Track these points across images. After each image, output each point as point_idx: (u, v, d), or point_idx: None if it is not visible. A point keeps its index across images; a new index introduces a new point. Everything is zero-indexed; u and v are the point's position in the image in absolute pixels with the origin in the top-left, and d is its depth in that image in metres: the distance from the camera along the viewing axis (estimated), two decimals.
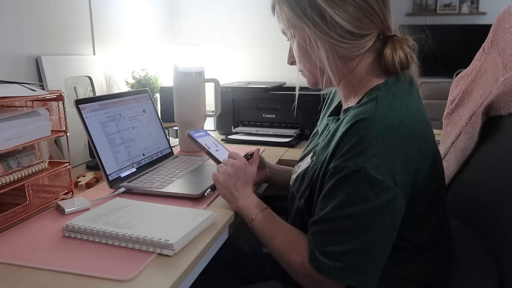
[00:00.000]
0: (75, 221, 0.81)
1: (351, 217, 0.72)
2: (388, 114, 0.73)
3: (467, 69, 1.09)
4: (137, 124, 1.21)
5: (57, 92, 0.97)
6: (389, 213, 0.72)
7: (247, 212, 0.90)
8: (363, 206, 0.71)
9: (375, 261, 0.73)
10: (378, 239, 0.72)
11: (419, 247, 0.80)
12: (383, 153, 0.71)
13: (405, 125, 0.73)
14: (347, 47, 0.79)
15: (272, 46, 2.01)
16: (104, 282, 0.66)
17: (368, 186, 0.70)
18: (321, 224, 0.76)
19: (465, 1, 4.61)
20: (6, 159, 0.89)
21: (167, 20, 2.05)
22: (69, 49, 1.41)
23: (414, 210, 0.76)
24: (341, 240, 0.73)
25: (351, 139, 0.73)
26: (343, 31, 0.77)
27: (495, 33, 0.99)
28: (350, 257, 0.72)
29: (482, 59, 1.02)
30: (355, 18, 0.77)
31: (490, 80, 0.95)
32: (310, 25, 0.79)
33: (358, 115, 0.75)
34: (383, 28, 0.80)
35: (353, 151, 0.72)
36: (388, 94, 0.77)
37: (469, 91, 1.03)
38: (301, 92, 1.72)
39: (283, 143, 1.58)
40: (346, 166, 0.72)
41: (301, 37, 0.82)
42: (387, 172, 0.70)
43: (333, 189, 0.75)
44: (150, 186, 1.05)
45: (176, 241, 0.73)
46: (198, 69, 1.41)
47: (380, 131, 0.72)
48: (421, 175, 0.75)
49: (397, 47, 0.78)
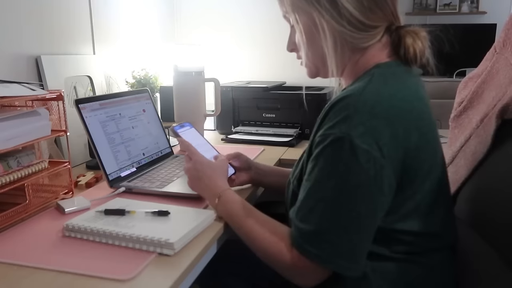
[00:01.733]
0: (75, 221, 0.81)
1: (335, 190, 0.68)
2: (381, 88, 0.71)
3: (476, 69, 1.05)
4: (137, 124, 1.21)
5: (57, 92, 0.97)
6: (376, 188, 0.68)
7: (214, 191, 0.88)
8: (347, 178, 0.67)
9: (360, 243, 0.70)
10: (363, 217, 0.68)
11: (423, 248, 0.76)
12: (371, 121, 0.67)
13: (399, 98, 0.71)
14: (357, 37, 0.76)
15: (272, 46, 2.00)
16: (104, 281, 0.66)
17: (353, 157, 0.66)
18: (301, 201, 0.73)
19: (465, 1, 4.61)
20: (6, 158, 0.89)
21: (167, 20, 2.05)
22: (69, 49, 1.41)
23: (411, 198, 0.72)
24: (321, 217, 0.69)
25: (339, 108, 0.70)
26: (353, 20, 0.74)
27: (507, 32, 0.95)
28: (334, 238, 0.69)
29: (493, 60, 0.98)
30: (367, 8, 0.74)
31: (503, 81, 0.91)
32: (320, 10, 0.75)
33: (348, 91, 0.72)
34: (392, 20, 0.78)
35: (339, 117, 0.69)
36: (386, 72, 0.75)
37: (479, 93, 1.00)
38: (301, 92, 1.73)
39: (283, 143, 1.58)
40: (331, 133, 0.69)
41: (307, 22, 0.79)
42: (373, 141, 0.66)
43: (316, 160, 0.71)
44: (150, 185, 1.04)
45: (176, 240, 0.73)
46: (198, 68, 1.41)
47: (370, 100, 0.69)
48: (416, 154, 0.70)
49: (416, 38, 0.76)
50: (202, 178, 0.92)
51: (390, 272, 0.74)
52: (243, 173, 1.08)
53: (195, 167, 0.94)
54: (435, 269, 0.78)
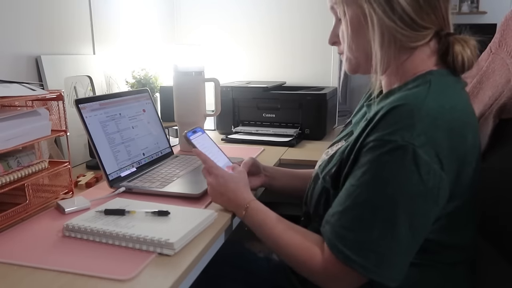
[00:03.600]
0: (75, 221, 0.81)
1: (391, 199, 0.65)
2: (442, 98, 0.69)
3: (471, 70, 1.06)
4: (137, 124, 1.21)
5: (57, 92, 0.97)
6: (432, 201, 0.66)
7: (241, 203, 0.88)
8: (406, 189, 0.65)
9: (408, 255, 0.68)
10: (415, 228, 0.66)
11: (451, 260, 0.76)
12: (433, 132, 0.65)
13: (459, 110, 0.69)
14: (407, 35, 0.73)
15: (272, 46, 2.00)
16: (104, 281, 0.66)
17: (414, 167, 0.64)
18: (350, 207, 0.69)
19: (465, 1, 4.60)
20: (6, 158, 0.89)
21: (167, 20, 2.05)
22: (69, 49, 1.41)
23: (453, 211, 0.70)
24: (373, 226, 0.66)
25: (400, 113, 0.67)
26: (406, 17, 0.72)
27: (503, 33, 0.96)
28: (383, 248, 0.66)
29: (489, 60, 0.99)
30: (421, 6, 0.72)
31: (500, 81, 0.92)
32: (372, 3, 0.73)
33: (408, 97, 0.69)
34: (442, 25, 0.76)
35: (401, 124, 0.66)
36: (442, 81, 0.73)
37: (475, 93, 1.00)
38: (302, 92, 1.73)
39: (283, 143, 1.58)
40: (391, 140, 0.65)
41: (356, 15, 0.76)
42: (434, 153, 0.65)
43: (370, 165, 0.68)
44: (150, 185, 1.04)
45: (176, 240, 0.73)
46: (198, 68, 1.41)
47: (433, 110, 0.66)
48: (467, 167, 0.69)
49: (465, 46, 0.74)
50: (226, 193, 0.91)
51: (408, 276, 0.73)
52: (255, 178, 1.07)
53: (217, 182, 0.92)
54: (454, 278, 0.77)
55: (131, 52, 1.74)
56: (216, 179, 0.93)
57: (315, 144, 1.62)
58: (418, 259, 0.73)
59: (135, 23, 1.78)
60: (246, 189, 0.93)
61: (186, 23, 2.10)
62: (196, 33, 2.09)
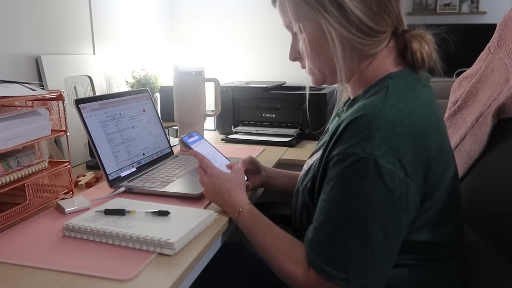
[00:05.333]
0: (75, 221, 0.81)
1: (361, 212, 0.66)
2: (399, 103, 0.69)
3: (470, 69, 1.05)
4: (137, 124, 1.21)
5: (57, 92, 0.97)
6: (401, 207, 0.66)
7: (234, 205, 0.88)
8: (373, 199, 0.66)
9: (386, 262, 0.69)
10: (389, 236, 0.67)
11: (433, 256, 0.76)
12: (393, 140, 0.66)
13: (417, 114, 0.69)
14: (366, 43, 0.74)
15: (272, 46, 2.00)
16: (104, 281, 0.66)
17: (378, 177, 0.65)
18: (323, 223, 0.70)
19: (465, 1, 4.60)
20: (6, 158, 0.89)
21: (167, 20, 2.05)
22: (69, 49, 1.41)
23: (428, 210, 0.71)
24: (347, 239, 0.67)
25: (359, 125, 0.68)
26: (363, 26, 0.73)
27: (501, 32, 0.96)
28: (360, 259, 0.67)
29: (488, 59, 0.99)
30: (375, 13, 0.73)
31: (498, 81, 0.92)
32: (327, 18, 0.73)
33: (366, 107, 0.70)
34: (397, 24, 0.76)
35: (360, 136, 0.67)
36: (400, 83, 0.73)
37: (474, 92, 1.00)
38: (302, 92, 1.73)
39: (283, 143, 1.58)
40: (352, 152, 0.67)
41: (313, 30, 0.76)
42: (396, 160, 0.65)
43: (337, 179, 0.69)
44: (150, 185, 1.04)
45: (176, 240, 0.73)
46: (198, 68, 1.41)
47: (390, 118, 0.67)
48: (434, 169, 0.69)
49: (422, 42, 0.74)
50: (220, 193, 0.91)
51: (397, 277, 0.74)
52: (255, 177, 1.07)
53: (211, 182, 0.92)
54: (444, 274, 0.77)
55: (131, 52, 1.74)
56: (210, 179, 0.93)
57: (315, 144, 1.61)
58: (405, 259, 0.73)
59: (135, 23, 1.78)
60: (240, 191, 0.92)
61: (186, 23, 2.10)
62: (196, 33, 2.09)
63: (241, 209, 0.87)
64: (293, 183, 1.09)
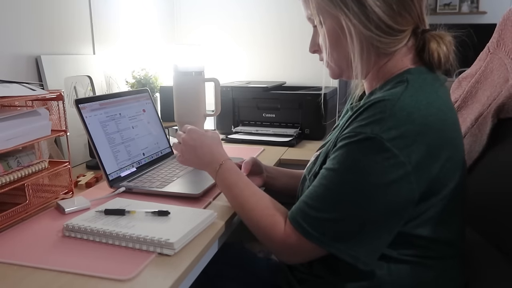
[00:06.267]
0: (75, 221, 0.81)
1: (353, 186, 0.68)
2: (419, 94, 0.70)
3: (469, 69, 1.05)
4: (137, 124, 1.21)
5: (57, 92, 0.97)
6: (393, 193, 0.67)
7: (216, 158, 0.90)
8: (367, 178, 0.67)
9: (369, 238, 0.70)
10: (372, 215, 0.68)
11: (441, 254, 0.76)
12: (407, 126, 0.66)
13: (435, 106, 0.69)
14: (385, 42, 0.74)
15: (272, 46, 2.00)
16: (104, 281, 0.66)
17: (380, 158, 0.66)
18: (316, 186, 0.73)
19: (465, 1, 4.61)
20: (6, 158, 0.89)
21: (167, 20, 2.05)
22: (69, 49, 1.41)
23: (434, 206, 0.71)
24: (332, 207, 0.70)
25: (375, 109, 0.69)
26: (382, 24, 0.73)
27: (501, 32, 0.96)
28: (341, 228, 0.69)
29: (487, 60, 0.99)
30: (395, 11, 0.72)
31: (498, 81, 0.92)
32: (347, 14, 0.73)
33: (385, 94, 0.70)
34: (418, 23, 0.76)
35: (373, 118, 0.68)
36: (419, 78, 0.73)
37: (473, 92, 1.01)
38: (302, 92, 1.73)
39: (283, 143, 1.58)
40: (362, 132, 0.68)
41: (333, 25, 0.77)
42: (404, 147, 0.66)
43: (340, 151, 0.71)
44: (150, 185, 1.05)
45: (176, 240, 0.73)
46: (198, 68, 1.41)
47: (408, 106, 0.68)
48: (446, 165, 0.69)
49: (441, 42, 0.74)
50: (200, 147, 0.93)
51: (399, 275, 0.74)
52: (257, 177, 1.07)
53: (190, 137, 0.94)
54: (446, 273, 0.77)
55: (131, 52, 1.74)
56: (189, 134, 0.95)
57: (315, 144, 1.61)
58: (408, 256, 0.74)
59: (135, 23, 1.78)
60: (221, 147, 0.95)
61: (186, 23, 2.10)
62: (196, 33, 2.09)
63: (223, 162, 0.88)
64: (294, 182, 1.09)
